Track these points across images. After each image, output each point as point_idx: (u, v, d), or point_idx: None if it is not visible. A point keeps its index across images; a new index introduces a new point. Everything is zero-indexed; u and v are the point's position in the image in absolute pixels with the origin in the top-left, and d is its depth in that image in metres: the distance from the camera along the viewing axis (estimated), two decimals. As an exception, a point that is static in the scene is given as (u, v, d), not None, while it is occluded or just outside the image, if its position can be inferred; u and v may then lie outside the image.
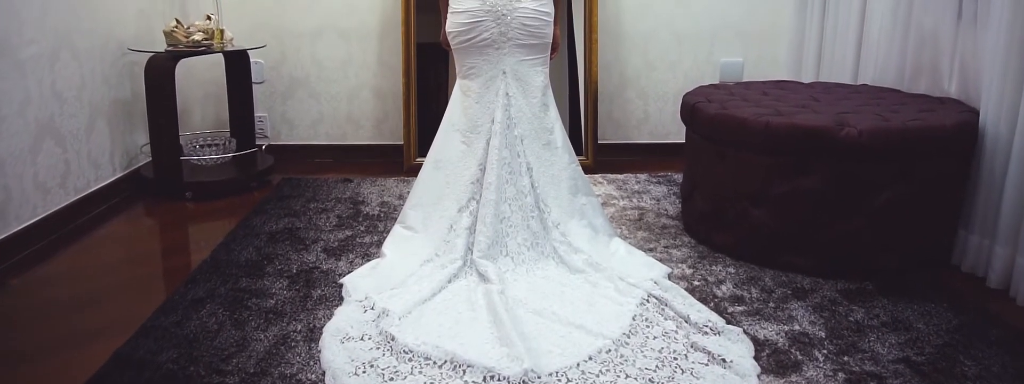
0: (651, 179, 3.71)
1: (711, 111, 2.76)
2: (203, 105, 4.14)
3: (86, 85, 3.27)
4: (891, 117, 2.53)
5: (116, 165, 3.52)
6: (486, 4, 2.68)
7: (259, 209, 3.29)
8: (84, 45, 3.26)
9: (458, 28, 2.73)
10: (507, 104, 2.71)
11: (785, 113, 2.63)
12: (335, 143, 4.18)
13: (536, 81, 2.76)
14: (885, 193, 2.48)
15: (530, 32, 2.71)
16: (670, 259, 2.73)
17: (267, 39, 4.01)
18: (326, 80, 4.10)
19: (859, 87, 3.16)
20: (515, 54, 2.73)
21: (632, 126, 4.18)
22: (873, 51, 3.27)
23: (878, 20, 3.23)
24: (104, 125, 3.41)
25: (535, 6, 2.70)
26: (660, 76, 4.13)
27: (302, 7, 4.01)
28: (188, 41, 3.50)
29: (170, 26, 3.55)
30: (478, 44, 2.72)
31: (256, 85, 4.06)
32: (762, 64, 4.12)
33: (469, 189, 2.67)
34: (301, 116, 4.15)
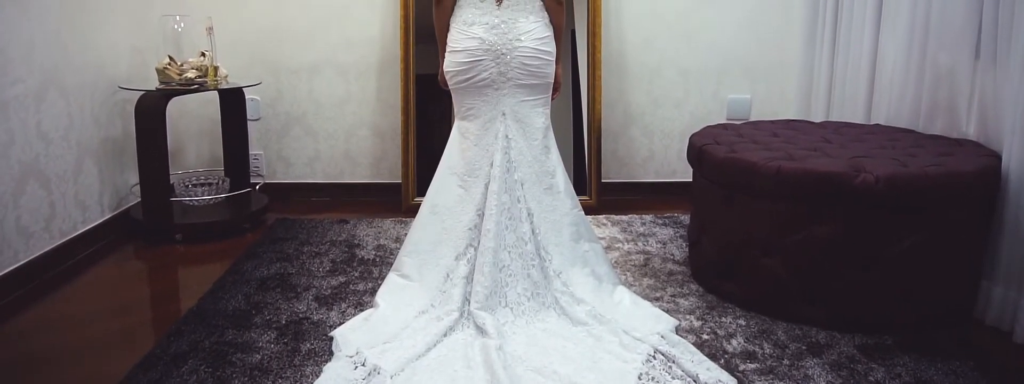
0: (657, 220, 3.59)
1: (720, 155, 2.64)
2: (198, 142, 4.04)
3: (74, 124, 3.18)
4: (909, 162, 2.41)
5: (105, 206, 3.41)
6: (485, 43, 2.58)
7: (251, 252, 3.18)
8: (73, 83, 3.18)
9: (456, 67, 2.63)
10: (507, 147, 2.61)
11: (797, 157, 2.51)
12: (332, 182, 4.07)
13: (537, 123, 2.66)
14: (903, 242, 2.36)
15: (530, 72, 2.61)
16: (677, 309, 2.60)
17: (263, 75, 3.92)
18: (323, 117, 4.01)
19: (872, 127, 3.05)
20: (515, 94, 2.63)
21: (637, 165, 4.07)
22: (886, 90, 3.17)
23: (891, 57, 3.13)
24: (93, 165, 3.31)
25: (536, 45, 2.61)
26: (665, 113, 4.02)
27: (300, 43, 3.92)
28: (181, 79, 3.41)
29: (163, 63, 3.46)
30: (477, 84, 2.62)
31: (252, 122, 3.97)
32: (770, 101, 4.01)
33: (467, 236, 2.56)
34: (297, 154, 4.05)
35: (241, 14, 3.88)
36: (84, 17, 3.24)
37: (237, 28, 3.88)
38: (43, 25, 2.98)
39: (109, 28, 3.43)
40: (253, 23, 3.89)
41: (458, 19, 2.65)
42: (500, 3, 2.61)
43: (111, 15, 3.44)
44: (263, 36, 3.91)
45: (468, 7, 2.64)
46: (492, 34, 2.59)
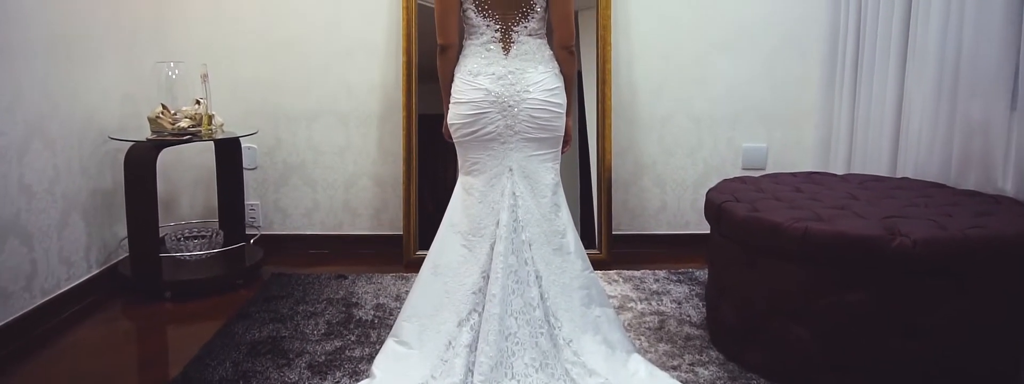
0: (671, 276, 3.41)
1: (741, 213, 2.48)
2: (192, 192, 3.89)
3: (60, 177, 3.03)
4: (946, 223, 2.24)
5: (92, 261, 3.25)
6: (491, 94, 2.44)
7: (243, 312, 3.00)
8: (60, 133, 3.04)
9: (460, 120, 2.49)
10: (514, 205, 2.45)
11: (825, 217, 2.34)
12: (331, 233, 3.91)
13: (546, 179, 2.50)
14: (942, 310, 2.18)
15: (540, 125, 2.47)
16: (697, 380, 2.42)
17: (261, 123, 3.78)
18: (322, 166, 3.86)
19: (900, 181, 2.88)
20: (523, 149, 2.48)
21: (649, 216, 3.90)
22: (913, 140, 3.01)
23: (918, 106, 2.98)
24: (79, 219, 3.16)
25: (545, 96, 2.46)
26: (678, 163, 3.86)
27: (299, 89, 3.79)
28: (174, 128, 3.27)
29: (155, 112, 3.32)
30: (482, 138, 2.47)
31: (248, 171, 3.83)
32: (787, 149, 3.86)
33: (470, 300, 2.39)
34: (295, 204, 3.89)
35: (238, 60, 3.75)
36: (73, 64, 3.11)
37: (234, 74, 3.75)
38: (29, 73, 2.85)
39: (100, 75, 3.30)
40: (251, 69, 3.76)
41: (463, 68, 2.52)
42: (508, 52, 2.48)
43: (102, 62, 3.31)
44: (261, 83, 3.78)
45: (474, 56, 2.50)
46: (499, 85, 2.45)
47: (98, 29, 3.28)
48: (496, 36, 2.49)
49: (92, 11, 3.23)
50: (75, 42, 3.12)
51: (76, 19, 3.13)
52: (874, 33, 3.28)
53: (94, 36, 3.25)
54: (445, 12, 2.49)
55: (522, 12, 2.48)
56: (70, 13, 3.08)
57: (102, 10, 3.30)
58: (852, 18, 3.42)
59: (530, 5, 2.48)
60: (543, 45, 2.54)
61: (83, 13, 3.17)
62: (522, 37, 2.50)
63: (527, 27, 2.50)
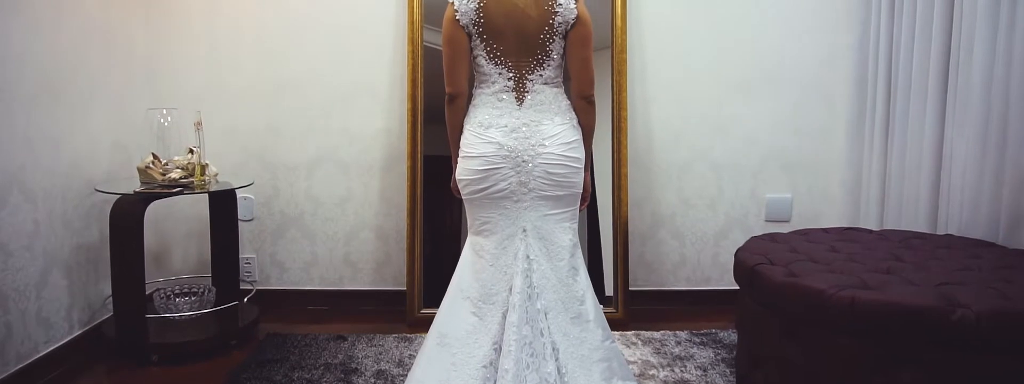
0: (693, 338, 3.18)
1: (777, 278, 2.26)
2: (185, 245, 3.69)
3: (40, 232, 2.83)
4: (1009, 291, 2.02)
5: (74, 321, 3.03)
6: (503, 148, 2.24)
7: (234, 378, 2.78)
8: (42, 185, 2.84)
9: (470, 176, 2.29)
10: (528, 269, 2.24)
11: (872, 283, 2.12)
12: (330, 288, 3.69)
13: (563, 240, 2.30)
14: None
15: (556, 182, 2.27)
16: (732, 464, 2.18)
17: (258, 172, 3.59)
18: (322, 218, 3.65)
19: (944, 239, 2.67)
20: (538, 208, 2.28)
21: (667, 271, 3.68)
22: (957, 194, 2.80)
23: (962, 157, 2.77)
24: (61, 276, 2.95)
25: (562, 151, 2.27)
26: (698, 214, 3.65)
27: (298, 136, 3.60)
28: (164, 180, 3.08)
29: (145, 162, 3.14)
30: (493, 196, 2.27)
31: (244, 223, 3.62)
32: (813, 201, 3.65)
33: (480, 375, 2.17)
34: (293, 258, 3.68)
35: (235, 106, 3.57)
36: (59, 111, 2.93)
37: (230, 120, 3.57)
38: (9, 120, 2.66)
39: (88, 122, 3.12)
40: (248, 116, 3.58)
41: (473, 120, 2.32)
42: (521, 102, 2.29)
43: (91, 108, 3.13)
44: (258, 130, 3.59)
45: (484, 107, 2.31)
46: (512, 138, 2.25)
47: (87, 73, 3.11)
48: (509, 85, 2.31)
49: (81, 54, 3.06)
50: (62, 87, 2.95)
51: (63, 62, 2.95)
52: (908, 77, 3.09)
53: (83, 80, 3.08)
54: (454, 58, 2.31)
55: (537, 59, 2.30)
56: (57, 55, 2.91)
57: (92, 53, 3.13)
58: (883, 61, 3.23)
59: (546, 51, 2.30)
60: (560, 94, 2.35)
61: (71, 56, 3.00)
62: (537, 86, 2.32)
63: (542, 75, 2.32)
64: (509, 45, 2.31)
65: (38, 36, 2.81)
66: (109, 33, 3.26)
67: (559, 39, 2.33)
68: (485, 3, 2.29)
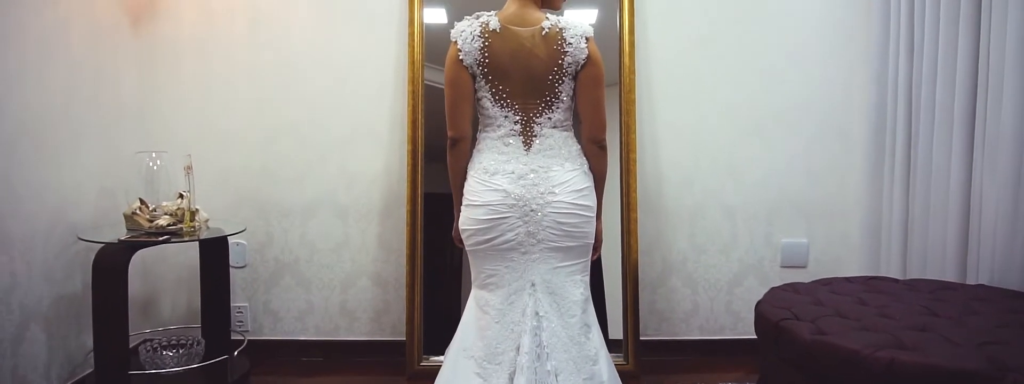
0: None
1: (805, 336, 2.10)
2: (174, 293, 3.53)
3: (18, 284, 2.67)
4: (1060, 353, 1.86)
5: (53, 378, 2.86)
6: (510, 196, 2.10)
7: (221, 440, 2.60)
8: (21, 234, 2.70)
9: (474, 226, 2.14)
10: (537, 327, 2.08)
11: (909, 343, 1.96)
12: (326, 339, 3.52)
13: (574, 294, 2.14)
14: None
15: (567, 232, 2.12)
16: None
17: (251, 216, 3.44)
18: (318, 265, 3.49)
19: (977, 290, 2.51)
20: (547, 260, 2.13)
21: (679, 320, 3.51)
22: (988, 241, 2.65)
23: (993, 201, 2.62)
24: (40, 331, 2.79)
25: (573, 199, 2.12)
26: (710, 260, 3.50)
27: (293, 180, 3.46)
28: (152, 226, 2.93)
29: (132, 208, 2.99)
30: (499, 247, 2.12)
31: (236, 270, 3.47)
32: (831, 246, 3.49)
33: (486, 443, 1.99)
34: (287, 306, 3.52)
35: (229, 147, 3.44)
36: (42, 156, 2.79)
37: (223, 165, 3.44)
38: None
39: (74, 167, 2.98)
40: (241, 159, 3.45)
41: (477, 165, 2.18)
42: (529, 147, 2.15)
43: (77, 153, 3.00)
44: (252, 173, 3.45)
45: (490, 151, 2.17)
46: (519, 186, 2.11)
47: (74, 116, 2.98)
48: (516, 128, 2.18)
49: (68, 96, 2.93)
50: (46, 130, 2.82)
51: (48, 104, 2.82)
52: (930, 116, 2.95)
53: (69, 123, 2.95)
54: (457, 100, 2.17)
55: (545, 101, 2.16)
56: (41, 97, 2.78)
57: (80, 95, 3.01)
58: (902, 100, 3.09)
59: (555, 93, 2.16)
60: (569, 139, 2.21)
61: (58, 98, 2.87)
62: (546, 129, 2.18)
63: (551, 118, 2.18)
64: (516, 86, 2.18)
65: (23, 78, 2.68)
66: (98, 75, 3.14)
67: (569, 80, 2.20)
68: (490, 42, 2.16)
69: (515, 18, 2.22)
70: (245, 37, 3.42)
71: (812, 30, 3.42)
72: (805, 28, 3.41)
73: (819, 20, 3.41)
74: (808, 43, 3.42)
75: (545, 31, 2.19)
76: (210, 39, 3.42)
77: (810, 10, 3.41)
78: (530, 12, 2.23)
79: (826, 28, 3.41)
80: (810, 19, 3.41)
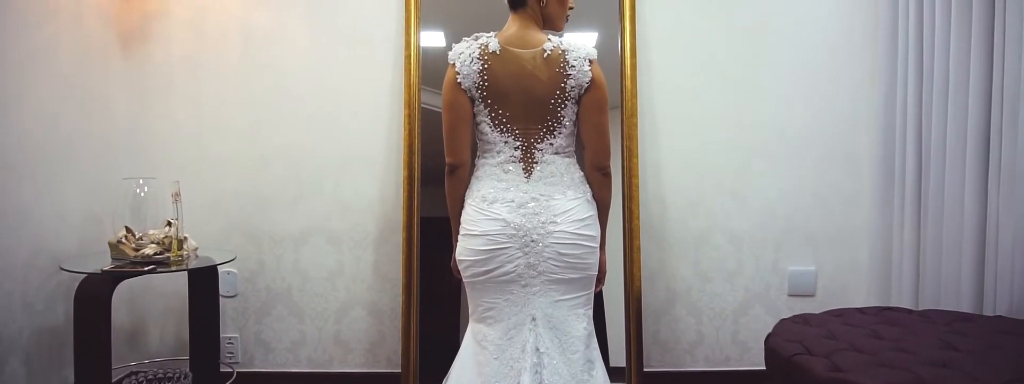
0: (717, 428, 2.89)
1: (819, 372, 1.99)
2: (162, 324, 3.41)
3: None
4: (1093, 392, 1.76)
5: (33, 414, 2.75)
6: (510, 226, 2.00)
7: (207, 480, 2.48)
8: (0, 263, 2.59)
9: (472, 257, 2.04)
10: (538, 364, 1.98)
11: (930, 380, 1.86)
12: (319, 371, 3.40)
13: (577, 329, 2.04)
14: None
15: (569, 263, 2.02)
16: None
17: (243, 243, 3.35)
18: (311, 294, 3.39)
19: (996, 322, 2.41)
20: (548, 293, 2.03)
21: (683, 350, 3.40)
22: (1006, 270, 2.55)
23: (1010, 230, 2.53)
24: (19, 364, 2.68)
25: (576, 228, 2.03)
26: (715, 289, 3.39)
27: (286, 205, 3.36)
28: (137, 256, 2.82)
29: (117, 236, 2.89)
30: (498, 279, 2.03)
31: (227, 299, 3.37)
32: (840, 274, 3.39)
33: None
34: (279, 337, 3.40)
35: (220, 175, 3.35)
36: (24, 185, 2.71)
37: (215, 191, 3.35)
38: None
39: (58, 194, 2.89)
40: (233, 184, 3.35)
41: (475, 193, 2.09)
42: (530, 174, 2.06)
43: (62, 178, 2.91)
44: (244, 199, 3.36)
45: (488, 179, 2.07)
46: (519, 215, 2.02)
47: (61, 140, 2.91)
48: (516, 155, 2.08)
49: (54, 120, 2.85)
50: (30, 155, 2.73)
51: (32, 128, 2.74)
52: (941, 140, 2.86)
53: (55, 148, 2.86)
54: (455, 125, 2.08)
55: (547, 126, 2.07)
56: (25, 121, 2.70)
57: (67, 118, 2.94)
58: (912, 124, 3.00)
59: (557, 118, 2.07)
60: (572, 165, 2.12)
61: (43, 122, 2.79)
62: (547, 156, 2.09)
63: (553, 144, 2.09)
64: (516, 111, 2.09)
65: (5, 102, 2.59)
66: (86, 98, 3.06)
67: (571, 104, 2.11)
68: (490, 64, 2.07)
69: (516, 40, 2.13)
70: (238, 59, 3.34)
71: (818, 51, 3.34)
72: (811, 49, 3.34)
73: (825, 41, 3.33)
74: (814, 64, 3.34)
75: (547, 53, 2.11)
76: (202, 61, 3.34)
77: (816, 31, 3.33)
78: (531, 33, 2.15)
79: (833, 49, 3.34)
80: (816, 40, 3.34)
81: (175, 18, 3.33)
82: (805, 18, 3.34)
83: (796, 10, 3.34)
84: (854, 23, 3.33)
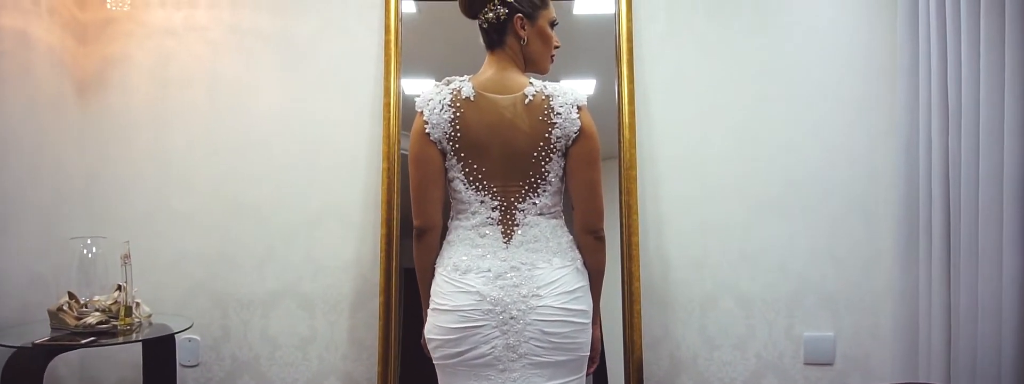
0: None
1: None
2: (116, 396, 3.12)
3: (-86, 396, 2.27)
4: None
5: None
6: (486, 301, 1.73)
7: None
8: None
9: (442, 335, 1.76)
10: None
11: None
12: (288, 450, 3.09)
13: (565, 422, 1.73)
14: None
15: (555, 344, 1.74)
16: None
17: (206, 308, 3.07)
18: (281, 363, 3.09)
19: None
20: (531, 379, 1.75)
21: (690, 427, 3.09)
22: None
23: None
24: (-59, 450, 2.37)
25: (563, 302, 1.75)
26: (724, 357, 3.09)
27: (254, 266, 3.09)
28: (78, 325, 2.54)
29: (59, 303, 2.63)
30: (472, 362, 1.74)
31: (187, 369, 3.08)
32: (860, 340, 3.09)
33: None
34: (245, 411, 3.10)
35: (180, 232, 3.09)
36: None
37: (175, 250, 3.09)
38: None
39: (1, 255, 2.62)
40: (197, 243, 3.09)
41: (446, 261, 1.81)
42: (509, 239, 1.79)
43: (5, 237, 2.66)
44: (208, 259, 3.09)
45: (462, 244, 1.80)
46: (497, 287, 1.74)
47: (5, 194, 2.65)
48: (494, 216, 1.81)
49: None
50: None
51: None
52: (973, 192, 2.56)
53: None
54: (424, 182, 1.82)
55: (530, 183, 1.80)
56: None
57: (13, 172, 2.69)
58: (937, 172, 2.71)
59: (541, 173, 1.81)
60: (559, 228, 1.84)
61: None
62: (530, 217, 1.82)
63: (536, 203, 1.82)
64: (494, 165, 1.82)
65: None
66: (33, 149, 2.81)
67: (557, 157, 1.84)
68: (463, 112, 1.81)
69: (493, 84, 1.88)
70: (204, 108, 3.11)
71: (831, 95, 3.09)
72: (823, 93, 3.09)
73: (838, 83, 3.09)
74: (828, 114, 3.09)
75: (529, 99, 1.85)
76: (165, 110, 3.11)
77: (828, 73, 3.09)
78: (511, 76, 1.90)
79: (847, 92, 3.09)
80: (829, 82, 3.09)
81: (136, 64, 3.11)
82: (818, 64, 3.10)
83: (808, 55, 3.10)
84: (871, 68, 3.08)
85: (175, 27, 3.12)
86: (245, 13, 3.12)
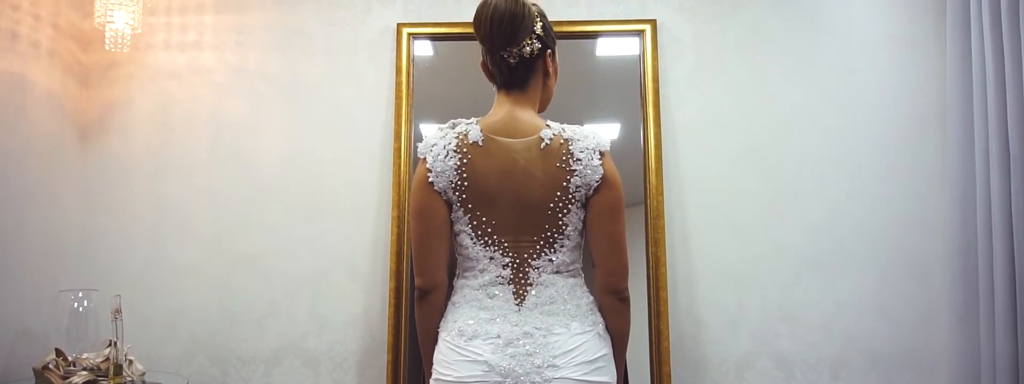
0: None
1: None
2: (107, 461, 2.91)
3: None
4: None
5: None
6: (494, 371, 1.52)
7: None
8: None
9: (444, 412, 1.53)
10: None
11: None
12: None
13: None
14: None
15: (574, 423, 1.50)
16: None
17: (205, 366, 2.88)
18: (283, 427, 2.89)
19: None
20: (547, 464, 1.50)
21: None
22: None
23: None
24: None
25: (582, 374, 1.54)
26: (764, 425, 2.84)
27: (256, 321, 2.90)
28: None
29: (45, 361, 2.44)
30: (480, 444, 1.51)
31: (183, 432, 2.86)
32: (912, 404, 2.84)
33: None
34: (244, 479, 2.89)
35: (179, 285, 2.91)
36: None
37: (173, 304, 2.90)
38: None
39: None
40: (197, 297, 2.91)
41: (451, 325, 1.60)
42: (522, 301, 1.58)
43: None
44: (208, 314, 2.91)
45: (468, 306, 1.60)
46: (507, 356, 1.53)
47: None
48: (504, 274, 1.61)
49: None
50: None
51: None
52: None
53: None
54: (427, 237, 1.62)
55: (545, 238, 1.60)
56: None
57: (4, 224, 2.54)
58: (998, 220, 2.47)
59: (558, 226, 1.60)
60: (578, 287, 1.63)
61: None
62: (545, 276, 1.61)
63: (553, 260, 1.61)
64: (505, 218, 1.62)
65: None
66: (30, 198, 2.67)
67: (577, 209, 1.64)
68: (470, 159, 1.62)
69: (504, 126, 1.69)
70: (206, 154, 2.96)
71: (874, 139, 2.89)
72: (865, 136, 2.89)
73: (883, 126, 2.89)
74: (870, 155, 2.89)
75: (545, 143, 1.66)
76: (166, 156, 2.96)
77: (870, 116, 2.90)
78: (525, 118, 1.71)
79: (892, 136, 2.89)
80: (872, 126, 2.89)
81: (138, 108, 2.98)
82: (860, 107, 2.90)
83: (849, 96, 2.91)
84: (918, 110, 2.88)
85: (179, 69, 2.99)
86: (251, 54, 3.00)
